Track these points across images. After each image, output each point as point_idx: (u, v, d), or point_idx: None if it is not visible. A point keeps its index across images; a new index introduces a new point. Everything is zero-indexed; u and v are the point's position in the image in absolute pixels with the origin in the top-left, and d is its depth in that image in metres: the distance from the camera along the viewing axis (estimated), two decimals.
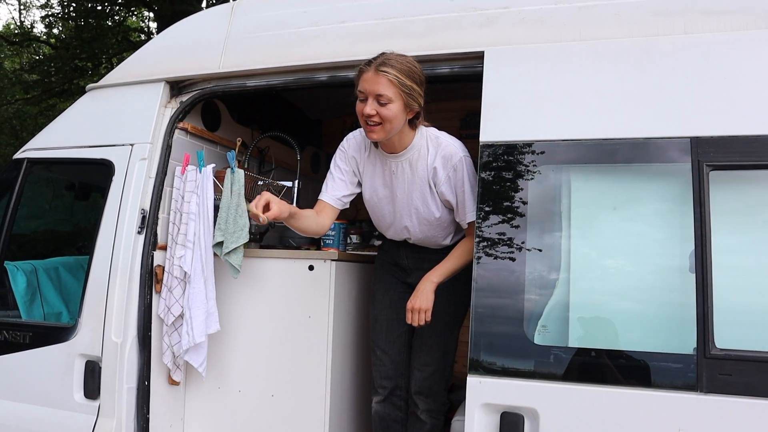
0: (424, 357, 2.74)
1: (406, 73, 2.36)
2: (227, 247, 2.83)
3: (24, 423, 2.89)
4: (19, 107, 14.64)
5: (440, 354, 2.73)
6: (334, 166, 2.72)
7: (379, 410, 2.83)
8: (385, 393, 2.81)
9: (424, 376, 2.72)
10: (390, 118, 2.38)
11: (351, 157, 2.69)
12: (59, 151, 3.13)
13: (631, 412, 1.94)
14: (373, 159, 2.64)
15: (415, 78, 2.38)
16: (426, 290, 2.52)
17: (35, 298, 3.41)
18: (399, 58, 2.38)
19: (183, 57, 2.98)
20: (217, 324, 2.86)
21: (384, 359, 2.81)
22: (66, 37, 13.21)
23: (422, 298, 2.51)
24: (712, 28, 2.14)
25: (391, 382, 2.81)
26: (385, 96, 2.35)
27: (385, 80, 2.34)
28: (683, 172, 2.03)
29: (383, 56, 2.38)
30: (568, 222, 2.16)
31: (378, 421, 2.84)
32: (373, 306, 2.89)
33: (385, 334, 2.82)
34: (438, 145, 2.53)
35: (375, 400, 2.84)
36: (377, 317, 2.85)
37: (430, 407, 2.73)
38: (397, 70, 2.34)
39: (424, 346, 2.73)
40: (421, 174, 2.55)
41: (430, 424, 2.74)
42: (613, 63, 2.20)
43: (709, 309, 1.91)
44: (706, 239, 1.95)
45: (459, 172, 2.51)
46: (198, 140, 3.12)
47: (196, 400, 3.04)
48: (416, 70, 2.40)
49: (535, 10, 2.39)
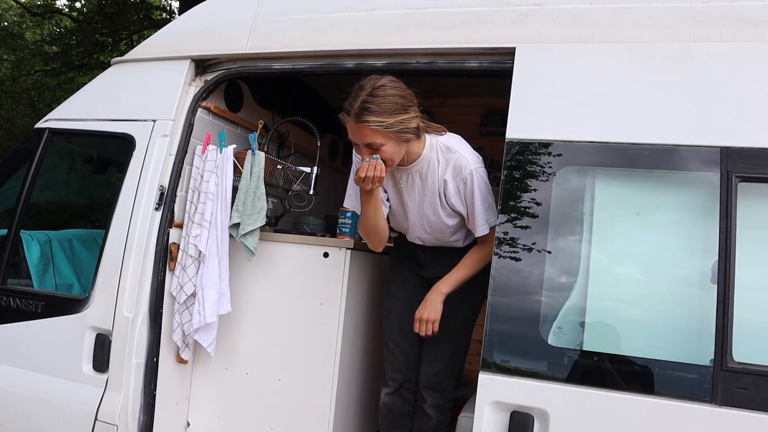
0: (435, 352, 2.73)
1: (389, 111, 2.26)
2: (243, 228, 2.82)
3: (31, 391, 2.91)
4: (38, 78, 14.67)
5: (451, 350, 2.72)
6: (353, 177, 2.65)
7: (388, 402, 2.83)
8: (395, 386, 2.81)
9: (434, 371, 2.72)
10: (389, 157, 2.33)
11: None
12: (81, 123, 3.13)
13: (643, 420, 1.92)
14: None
15: (400, 107, 2.28)
16: (435, 301, 2.53)
17: (48, 268, 3.42)
18: (377, 98, 2.25)
19: (210, 36, 2.97)
20: (228, 305, 2.86)
21: (396, 352, 2.80)
22: (88, 11, 13.20)
23: (430, 309, 2.52)
24: (750, 38, 2.10)
25: (401, 375, 2.80)
26: (375, 143, 2.29)
27: (368, 130, 2.27)
28: (711, 181, 2.00)
29: (359, 100, 2.26)
30: (590, 225, 2.14)
31: (386, 412, 2.85)
32: (387, 298, 2.88)
33: (398, 327, 2.81)
34: (449, 156, 2.47)
35: (384, 391, 2.84)
36: (391, 310, 2.85)
37: (437, 402, 2.73)
38: (378, 114, 2.24)
39: (436, 341, 2.70)
40: (431, 186, 2.52)
41: (436, 419, 2.74)
42: (646, 67, 2.17)
43: (729, 321, 1.89)
44: (730, 251, 1.93)
45: (469, 184, 2.47)
46: (220, 120, 3.12)
47: (203, 379, 3.04)
48: (399, 98, 2.29)
49: (570, 9, 2.35)
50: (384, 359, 2.86)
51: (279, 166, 3.20)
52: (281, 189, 3.33)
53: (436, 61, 2.56)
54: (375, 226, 2.53)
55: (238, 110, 3.31)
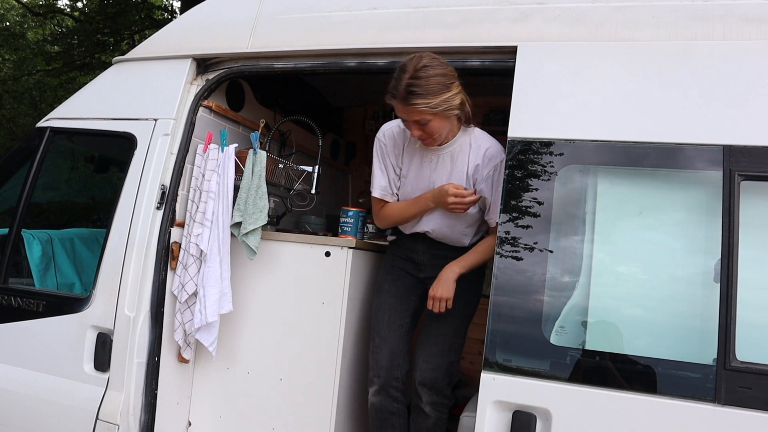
0: (431, 349, 2.71)
1: (434, 92, 2.37)
2: (245, 228, 2.82)
3: (33, 390, 2.91)
4: (39, 78, 14.70)
5: (446, 347, 2.72)
6: (381, 164, 2.74)
7: (375, 402, 2.76)
8: (379, 383, 2.75)
9: (430, 368, 2.69)
10: (436, 131, 2.48)
11: (391, 152, 2.72)
12: (83, 122, 3.13)
13: (645, 419, 1.92)
14: (412, 150, 2.68)
15: (443, 86, 2.39)
16: (448, 279, 2.58)
17: (49, 267, 3.43)
18: (423, 79, 2.35)
19: (211, 35, 2.97)
20: (230, 304, 2.85)
21: (382, 347, 2.76)
22: (90, 10, 13.21)
23: (444, 287, 2.58)
24: (752, 36, 2.10)
25: (386, 373, 2.74)
26: (423, 119, 2.43)
27: (416, 111, 2.40)
28: (714, 180, 2.00)
29: (404, 84, 2.36)
30: (593, 224, 2.13)
31: (375, 413, 2.78)
32: (378, 295, 2.86)
33: (386, 323, 2.78)
34: (480, 142, 2.62)
35: (371, 391, 2.78)
36: (381, 306, 2.82)
37: (433, 400, 2.70)
38: (423, 97, 2.36)
39: (431, 337, 2.71)
40: (460, 167, 2.62)
41: (434, 417, 2.71)
42: (648, 65, 2.16)
43: (732, 320, 1.88)
44: (733, 250, 1.92)
45: (498, 173, 2.57)
46: (221, 119, 3.11)
47: (205, 379, 3.04)
48: (441, 77, 2.39)
49: (572, 8, 2.35)
50: (370, 356, 2.81)
51: (280, 165, 3.20)
52: (283, 188, 3.33)
53: None
54: (407, 219, 2.73)
55: (240, 109, 3.31)
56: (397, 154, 2.70)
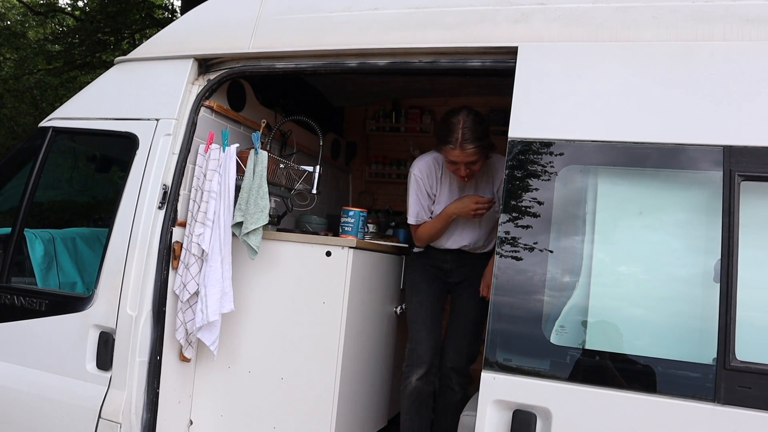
0: (461, 341, 3.18)
1: (481, 135, 2.86)
2: (246, 227, 2.83)
3: (35, 389, 2.91)
4: (40, 77, 14.70)
5: (473, 338, 3.18)
6: (417, 195, 3.13)
7: (419, 386, 3.14)
8: (424, 369, 3.12)
9: (460, 357, 3.17)
10: (478, 170, 2.98)
11: (426, 183, 3.12)
12: (85, 122, 3.14)
13: (645, 418, 1.92)
14: (444, 176, 3.12)
15: (486, 129, 2.90)
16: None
17: (51, 266, 3.43)
18: (472, 126, 2.83)
19: (213, 35, 2.97)
20: (231, 304, 2.86)
21: (429, 339, 3.14)
22: (90, 9, 13.22)
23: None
24: (752, 37, 2.10)
25: (430, 361, 3.14)
26: (474, 160, 2.89)
27: (471, 153, 2.85)
28: (714, 180, 2.00)
29: (459, 133, 2.82)
30: (593, 224, 2.14)
31: (416, 396, 3.14)
32: (417, 293, 3.22)
33: (430, 318, 3.17)
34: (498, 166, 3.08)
35: (415, 377, 3.13)
36: (422, 302, 3.19)
37: (461, 381, 3.19)
38: (476, 140, 2.84)
39: (459, 328, 3.17)
40: (483, 187, 3.12)
41: (461, 393, 3.18)
42: (649, 66, 2.16)
43: (731, 320, 1.88)
44: (733, 250, 1.93)
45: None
46: (222, 119, 3.12)
47: (206, 378, 3.05)
48: (484, 123, 2.90)
49: (572, 9, 2.35)
50: (412, 349, 3.15)
51: (281, 165, 3.21)
52: (284, 188, 3.34)
53: (439, 60, 2.56)
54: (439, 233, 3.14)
55: (241, 109, 3.32)
56: (432, 183, 3.12)
